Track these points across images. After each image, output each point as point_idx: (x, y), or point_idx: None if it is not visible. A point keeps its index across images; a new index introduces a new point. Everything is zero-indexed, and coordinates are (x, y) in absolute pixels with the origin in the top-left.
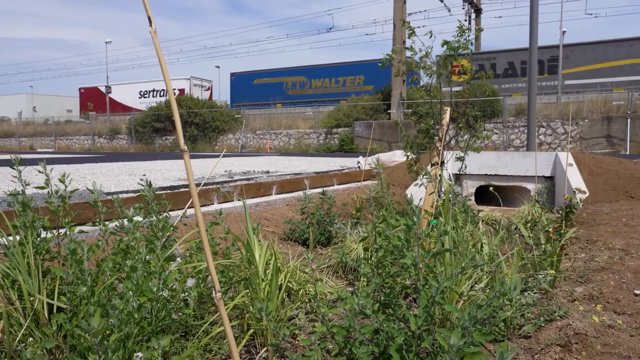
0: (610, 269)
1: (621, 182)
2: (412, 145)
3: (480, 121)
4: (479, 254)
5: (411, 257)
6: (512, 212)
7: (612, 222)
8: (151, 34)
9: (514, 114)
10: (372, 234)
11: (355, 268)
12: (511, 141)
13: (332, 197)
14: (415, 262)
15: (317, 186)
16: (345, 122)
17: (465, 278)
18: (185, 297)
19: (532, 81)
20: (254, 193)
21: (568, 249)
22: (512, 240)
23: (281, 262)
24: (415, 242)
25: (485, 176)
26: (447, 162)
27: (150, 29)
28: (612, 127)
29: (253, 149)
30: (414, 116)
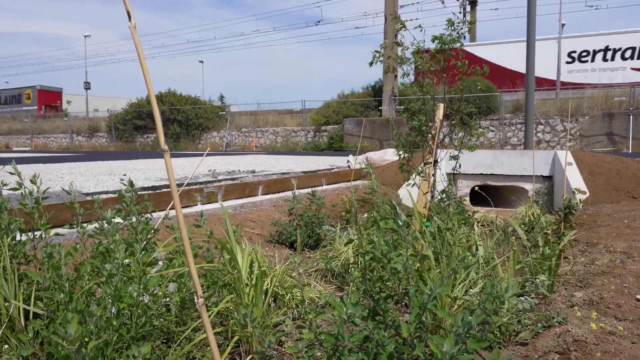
0: (611, 273)
1: (623, 182)
2: (404, 143)
3: (475, 118)
4: (474, 256)
5: (401, 262)
6: (509, 213)
7: (613, 223)
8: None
9: (510, 110)
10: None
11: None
12: (508, 139)
13: (321, 197)
14: (405, 267)
15: (305, 186)
16: (334, 119)
17: (459, 282)
18: (167, 302)
19: (530, 76)
20: (239, 193)
21: (567, 252)
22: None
23: (267, 265)
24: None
25: (480, 176)
26: (440, 161)
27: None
28: (613, 124)
29: (238, 148)
30: (406, 113)
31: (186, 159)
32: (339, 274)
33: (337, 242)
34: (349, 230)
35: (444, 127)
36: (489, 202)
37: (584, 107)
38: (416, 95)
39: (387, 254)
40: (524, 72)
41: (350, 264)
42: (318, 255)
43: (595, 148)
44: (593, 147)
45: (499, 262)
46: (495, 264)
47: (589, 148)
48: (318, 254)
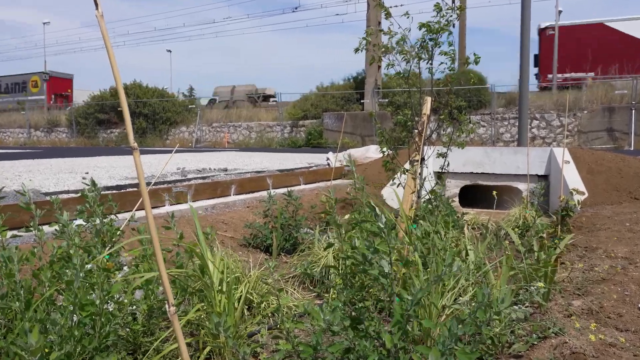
0: (611, 280)
1: (624, 182)
2: (389, 139)
3: (465, 112)
4: (464, 262)
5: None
6: (501, 215)
7: (614, 226)
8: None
9: (503, 104)
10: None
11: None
12: (500, 135)
13: (298, 198)
14: (389, 273)
15: (282, 185)
16: (313, 113)
17: (449, 289)
18: (134, 310)
19: (524, 66)
20: (210, 193)
21: (564, 257)
22: (501, 247)
23: (240, 271)
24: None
25: (470, 174)
26: (427, 159)
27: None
28: (614, 119)
29: (209, 144)
30: (391, 107)
31: (153, 156)
32: (318, 281)
33: (316, 246)
34: (328, 233)
35: (431, 122)
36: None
37: (583, 101)
38: (401, 88)
39: (370, 259)
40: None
41: (330, 270)
42: (295, 260)
43: (595, 145)
44: (592, 144)
45: (491, 267)
46: (486, 270)
47: (587, 145)
48: (295, 259)
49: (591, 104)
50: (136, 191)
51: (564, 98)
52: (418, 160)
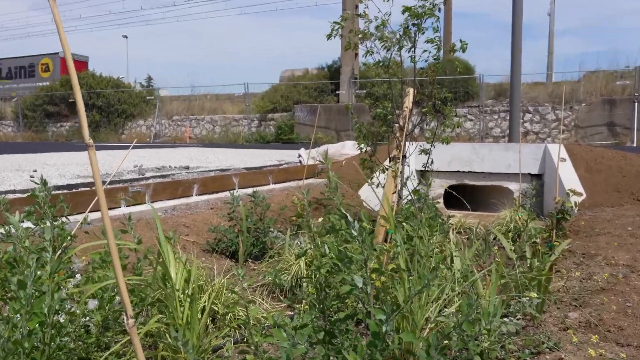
0: (612, 290)
1: (626, 182)
2: (367, 134)
3: (451, 105)
4: (449, 270)
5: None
6: (491, 218)
7: (614, 231)
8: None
9: (492, 96)
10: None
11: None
12: (489, 130)
13: (267, 198)
14: (365, 283)
15: (249, 185)
16: (283, 105)
17: (432, 299)
18: (87, 322)
19: (516, 54)
20: (171, 194)
21: (560, 264)
22: (490, 253)
23: (204, 279)
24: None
25: (457, 173)
26: (409, 156)
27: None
28: (615, 112)
29: (169, 139)
30: (369, 98)
31: (108, 152)
32: (289, 290)
33: (287, 252)
34: (300, 238)
35: (413, 115)
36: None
37: (580, 92)
38: (381, 78)
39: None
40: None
41: (302, 278)
42: (264, 267)
43: (594, 141)
44: (591, 139)
45: (479, 276)
46: (474, 279)
47: (585, 141)
48: (264, 266)
49: (590, 96)
50: (90, 191)
51: (559, 89)
52: (399, 157)
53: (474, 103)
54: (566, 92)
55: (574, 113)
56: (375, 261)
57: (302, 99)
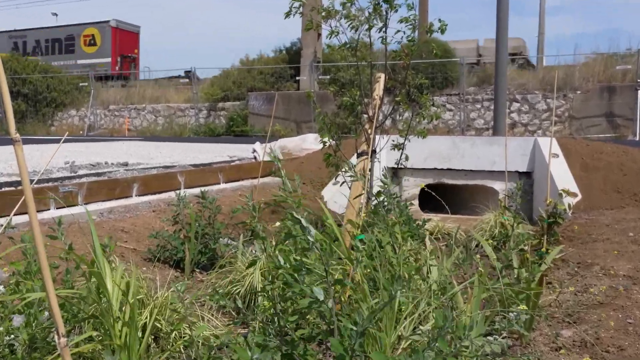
0: (611, 305)
1: (628, 181)
2: (331, 126)
3: (428, 93)
4: (425, 281)
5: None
6: (473, 222)
7: (614, 237)
8: None
9: (475, 82)
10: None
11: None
12: (471, 121)
13: (217, 200)
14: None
15: (197, 185)
16: (235, 93)
17: (406, 315)
18: (12, 340)
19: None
20: (107, 194)
21: (551, 275)
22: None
23: (145, 292)
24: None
25: (434, 171)
26: (380, 151)
27: None
28: (614, 101)
29: (106, 131)
30: (334, 85)
31: (35, 147)
32: (243, 303)
33: (240, 261)
34: (255, 245)
35: (385, 104)
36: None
37: (575, 79)
38: (347, 62)
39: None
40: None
41: (257, 291)
42: (214, 278)
43: (590, 134)
44: (587, 132)
45: (460, 289)
46: (454, 291)
47: (581, 134)
48: (214, 277)
49: (586, 83)
50: (15, 191)
51: (551, 75)
52: (368, 152)
53: (453, 91)
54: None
55: (567, 102)
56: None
57: (258, 85)
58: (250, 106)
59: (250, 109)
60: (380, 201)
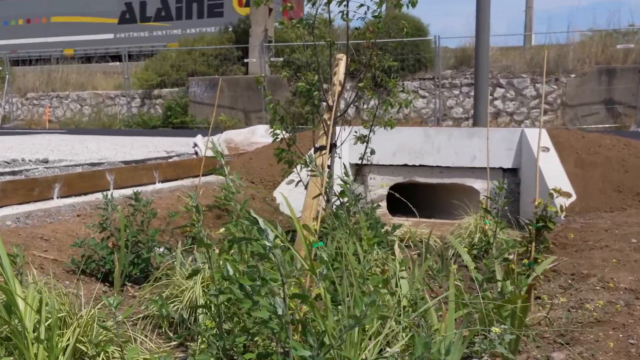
0: (610, 323)
1: (630, 178)
2: (284, 117)
3: (397, 77)
4: (393, 296)
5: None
6: (450, 226)
7: (614, 244)
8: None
9: (452, 64)
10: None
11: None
12: (448, 110)
13: (152, 202)
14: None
15: (128, 185)
16: (174, 78)
17: (371, 335)
18: None
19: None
20: (25, 196)
21: (541, 288)
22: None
23: (67, 310)
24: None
25: (404, 168)
26: (341, 145)
27: None
28: (614, 86)
29: (23, 123)
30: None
31: None
32: (180, 323)
33: (178, 273)
34: (196, 254)
35: (347, 91)
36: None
37: (569, 60)
38: (304, 41)
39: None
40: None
41: (198, 307)
42: (148, 293)
43: (587, 124)
44: (583, 122)
45: (433, 304)
46: (427, 307)
47: (576, 124)
48: (148, 292)
49: (582, 64)
50: None
51: (541, 56)
52: (327, 146)
53: (427, 74)
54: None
55: (560, 87)
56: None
57: (199, 69)
58: (191, 93)
59: (190, 96)
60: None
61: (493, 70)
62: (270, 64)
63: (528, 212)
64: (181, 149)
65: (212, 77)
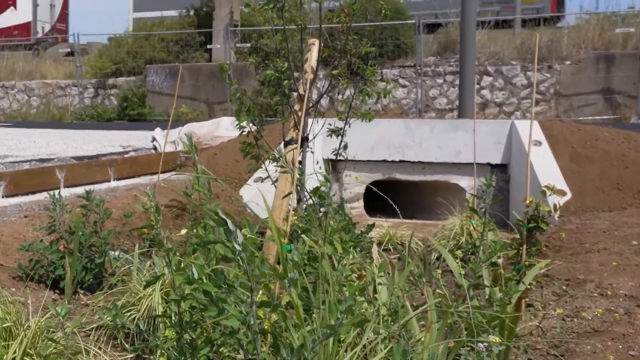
0: (608, 333)
1: (630, 175)
2: (251, 108)
3: (376, 64)
4: (371, 304)
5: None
6: (432, 228)
7: (613, 247)
8: None
9: (435, 51)
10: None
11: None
12: (431, 100)
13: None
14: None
15: (81, 183)
16: (130, 66)
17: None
18: None
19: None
20: None
21: (533, 295)
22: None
23: (13, 319)
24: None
25: (383, 164)
26: (314, 139)
27: None
28: (613, 74)
29: None
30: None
31: None
32: (138, 334)
33: (135, 279)
34: (155, 259)
35: (320, 79)
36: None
37: (563, 45)
38: (272, 25)
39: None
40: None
41: (157, 317)
42: (102, 301)
43: (583, 115)
44: (579, 113)
45: (416, 314)
46: (408, 318)
47: (571, 116)
48: (102, 299)
49: (577, 50)
50: None
51: (532, 41)
52: (298, 140)
53: (408, 61)
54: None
55: (553, 75)
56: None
57: (158, 56)
58: (149, 83)
59: (149, 86)
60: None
61: (480, 57)
62: (236, 51)
63: (518, 211)
64: (138, 143)
65: (172, 65)
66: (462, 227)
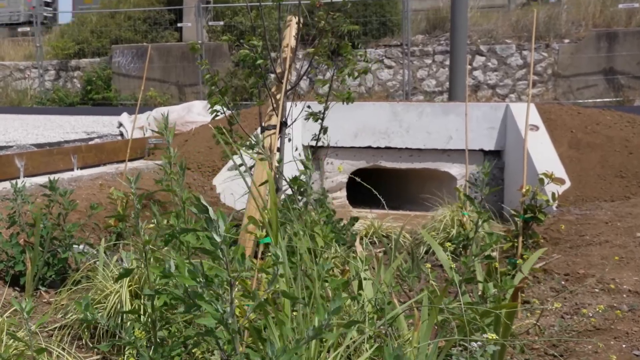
0: (611, 331)
1: (634, 162)
2: (225, 90)
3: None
4: (355, 300)
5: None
6: (421, 220)
7: (615, 238)
8: None
9: (424, 29)
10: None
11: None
12: (419, 82)
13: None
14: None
15: (42, 172)
16: (95, 46)
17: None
18: None
19: None
20: None
21: (530, 291)
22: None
23: None
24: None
25: (368, 150)
26: (292, 124)
27: None
28: (616, 53)
29: None
30: (229, 34)
31: None
32: (105, 333)
33: (101, 274)
34: (123, 253)
35: (299, 59)
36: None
37: (562, 22)
38: (248, 2)
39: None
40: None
41: (126, 314)
42: (66, 298)
43: (583, 98)
44: (578, 96)
45: (403, 310)
46: (395, 314)
47: (570, 98)
48: (66, 297)
49: (577, 28)
50: None
51: (529, 17)
52: (276, 126)
53: (394, 40)
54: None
55: (551, 55)
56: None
57: (125, 36)
58: (115, 64)
59: (114, 68)
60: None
61: (472, 35)
62: (208, 29)
63: (514, 201)
64: (104, 129)
65: (139, 45)
66: (453, 219)
